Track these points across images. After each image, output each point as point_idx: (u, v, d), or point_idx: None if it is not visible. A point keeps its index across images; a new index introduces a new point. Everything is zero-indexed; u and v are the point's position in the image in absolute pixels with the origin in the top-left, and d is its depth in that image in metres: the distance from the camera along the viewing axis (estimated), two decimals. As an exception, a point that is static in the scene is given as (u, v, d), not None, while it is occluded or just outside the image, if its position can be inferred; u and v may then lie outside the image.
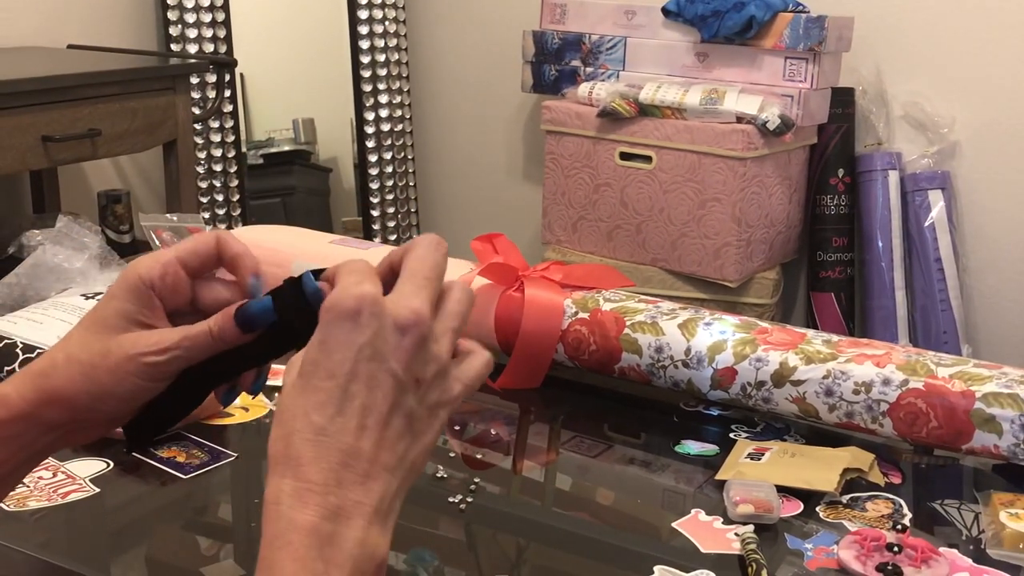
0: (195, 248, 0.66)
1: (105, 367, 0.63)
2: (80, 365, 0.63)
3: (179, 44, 2.63)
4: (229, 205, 2.75)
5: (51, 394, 0.63)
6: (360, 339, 0.56)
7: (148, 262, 0.64)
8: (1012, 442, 1.00)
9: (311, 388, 0.56)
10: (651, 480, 1.07)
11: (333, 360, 0.56)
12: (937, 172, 2.43)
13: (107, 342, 0.63)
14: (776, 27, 2.31)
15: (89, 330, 0.63)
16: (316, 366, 0.56)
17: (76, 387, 0.63)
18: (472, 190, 3.15)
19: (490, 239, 1.31)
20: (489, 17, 2.98)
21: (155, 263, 0.64)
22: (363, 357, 0.56)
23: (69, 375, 0.63)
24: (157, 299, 0.64)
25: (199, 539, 0.93)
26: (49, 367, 0.63)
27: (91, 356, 0.63)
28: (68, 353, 0.63)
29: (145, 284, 0.64)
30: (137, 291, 0.64)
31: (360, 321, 0.56)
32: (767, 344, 1.11)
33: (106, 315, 0.63)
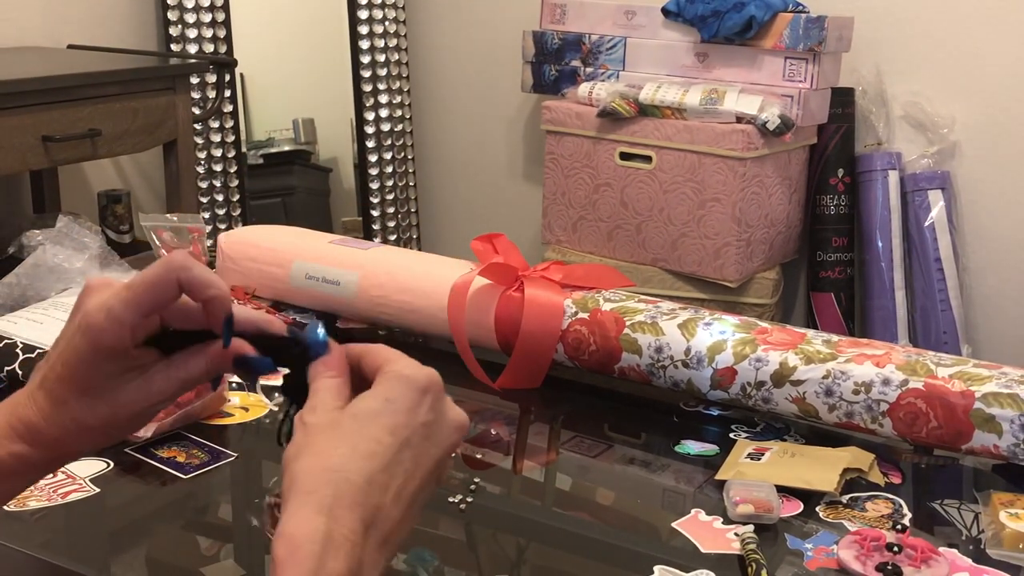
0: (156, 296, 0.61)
1: (118, 424, 0.64)
2: (96, 430, 0.63)
3: (179, 44, 2.63)
4: (229, 205, 2.75)
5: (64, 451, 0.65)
6: (423, 416, 0.58)
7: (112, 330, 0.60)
8: (1012, 442, 1.00)
9: (367, 437, 0.56)
10: (651, 480, 1.07)
11: (397, 420, 0.57)
12: (937, 172, 2.43)
13: (113, 405, 0.63)
14: (776, 27, 2.31)
15: (88, 395, 0.62)
16: (376, 417, 0.57)
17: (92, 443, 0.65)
18: (472, 190, 3.15)
19: (490, 239, 1.31)
20: (489, 17, 2.98)
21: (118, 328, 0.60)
22: (421, 434, 0.58)
23: (84, 437, 0.64)
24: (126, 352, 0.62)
25: (199, 539, 0.93)
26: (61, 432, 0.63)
27: (102, 420, 0.63)
28: (77, 420, 0.62)
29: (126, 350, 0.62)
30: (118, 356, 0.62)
31: (428, 398, 0.58)
32: (767, 344, 1.11)
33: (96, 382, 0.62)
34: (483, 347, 1.27)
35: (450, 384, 1.35)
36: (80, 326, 0.61)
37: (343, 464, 0.55)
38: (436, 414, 0.58)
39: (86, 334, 0.61)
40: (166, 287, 0.61)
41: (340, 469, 0.55)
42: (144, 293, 0.61)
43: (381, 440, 0.56)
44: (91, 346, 0.61)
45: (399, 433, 0.57)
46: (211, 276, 0.62)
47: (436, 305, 1.27)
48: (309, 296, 1.40)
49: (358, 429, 0.56)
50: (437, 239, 3.20)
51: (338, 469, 0.55)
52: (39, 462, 0.64)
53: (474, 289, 1.25)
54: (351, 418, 0.57)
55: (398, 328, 1.37)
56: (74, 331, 0.62)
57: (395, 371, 0.59)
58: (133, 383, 0.63)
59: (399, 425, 0.57)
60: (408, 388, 0.58)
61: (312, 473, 0.55)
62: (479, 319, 1.25)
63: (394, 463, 0.56)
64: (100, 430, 0.63)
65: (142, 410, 0.64)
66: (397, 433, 0.57)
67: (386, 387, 0.58)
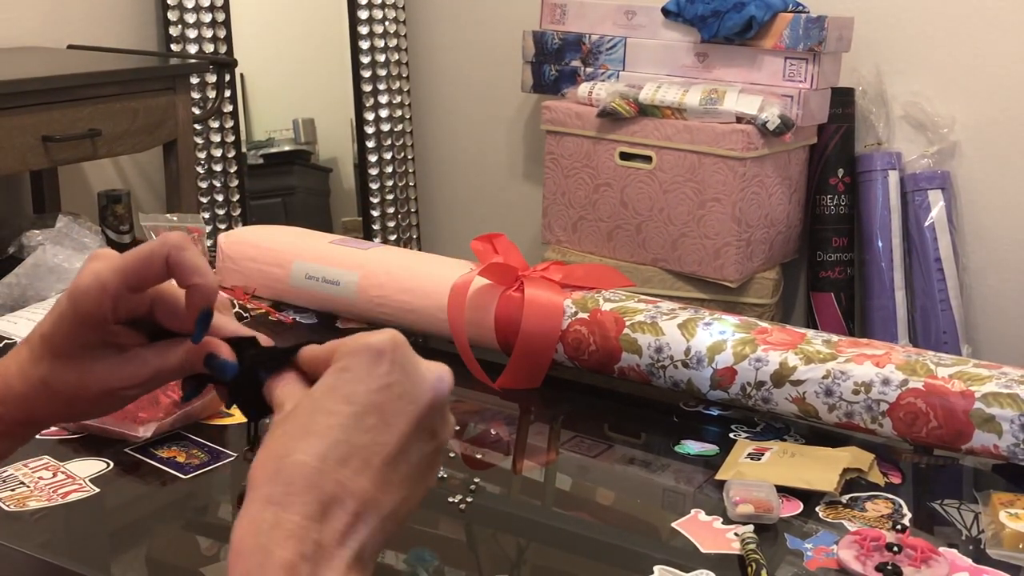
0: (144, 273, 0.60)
1: (84, 398, 0.62)
2: (60, 396, 0.62)
3: (179, 44, 2.63)
4: (229, 205, 2.75)
5: (30, 414, 0.64)
6: (389, 373, 0.53)
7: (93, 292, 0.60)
8: (1012, 442, 1.00)
9: (320, 411, 0.52)
10: (651, 480, 1.07)
11: (355, 388, 0.53)
12: (937, 172, 2.43)
13: (82, 375, 0.62)
14: (776, 27, 2.31)
15: (60, 359, 0.61)
16: (332, 391, 0.53)
17: (55, 412, 0.64)
18: (472, 190, 3.15)
19: (490, 239, 1.31)
20: (489, 17, 2.98)
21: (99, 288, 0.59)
22: (391, 393, 0.53)
23: (51, 403, 0.63)
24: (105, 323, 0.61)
25: (199, 539, 0.93)
26: (29, 390, 0.62)
27: (68, 387, 0.62)
28: (45, 380, 0.62)
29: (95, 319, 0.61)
30: (98, 327, 0.61)
31: (385, 359, 0.54)
32: (767, 344, 1.11)
33: (72, 349, 0.61)
34: (483, 347, 1.27)
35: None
36: (71, 290, 0.61)
37: (292, 447, 0.51)
38: (402, 371, 0.54)
39: (71, 295, 0.60)
40: (154, 261, 0.60)
41: (288, 453, 0.51)
42: (132, 263, 0.60)
43: (336, 411, 0.52)
44: (72, 307, 0.60)
45: (357, 399, 0.52)
46: (202, 263, 0.61)
47: (436, 305, 1.27)
48: (309, 296, 1.40)
49: (312, 408, 0.53)
50: (437, 239, 3.20)
51: (286, 454, 0.51)
52: (7, 422, 0.63)
53: (474, 289, 1.25)
54: (307, 400, 0.54)
55: (398, 328, 1.37)
56: (65, 295, 0.61)
57: (348, 344, 0.55)
58: (107, 359, 0.62)
59: (357, 392, 0.52)
60: (362, 353, 0.54)
61: (261, 466, 0.51)
62: (479, 319, 1.25)
63: (356, 431, 0.52)
64: (64, 397, 0.62)
65: (110, 389, 0.62)
66: (355, 400, 0.52)
67: (340, 361, 0.54)
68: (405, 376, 0.54)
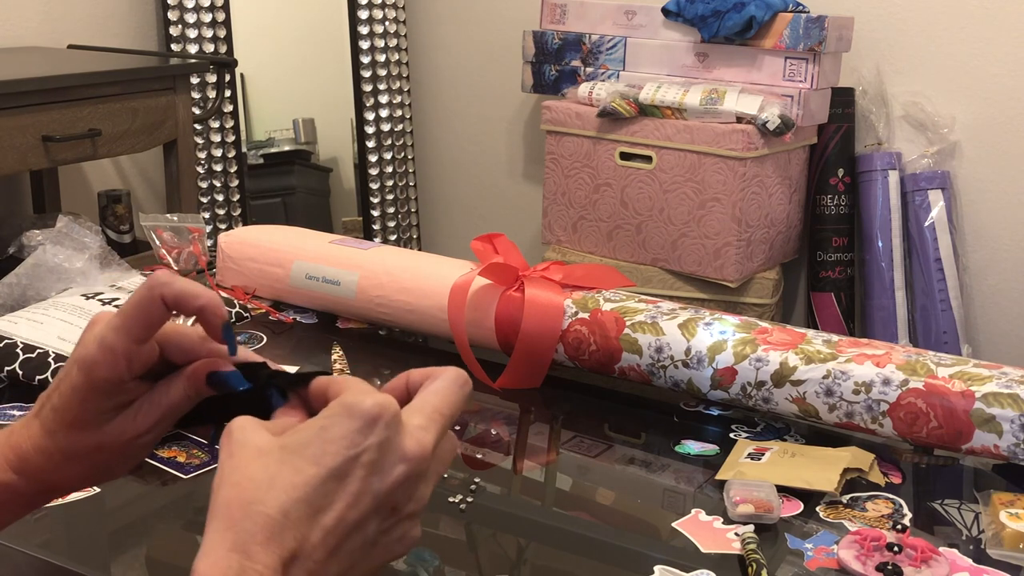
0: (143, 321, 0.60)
1: (104, 458, 0.63)
2: (80, 461, 0.63)
3: (179, 44, 2.63)
4: (229, 205, 2.75)
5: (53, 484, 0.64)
6: (363, 443, 0.53)
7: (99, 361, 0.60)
8: (1012, 442, 1.00)
9: (290, 466, 0.53)
10: (651, 480, 1.07)
11: (326, 449, 0.53)
12: (937, 172, 2.43)
13: (98, 437, 0.62)
14: (776, 27, 2.31)
15: (75, 428, 0.62)
16: (305, 447, 0.53)
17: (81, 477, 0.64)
18: (472, 190, 3.15)
19: (490, 239, 1.31)
20: (489, 17, 2.98)
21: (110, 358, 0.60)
22: (358, 463, 0.53)
23: (72, 470, 0.63)
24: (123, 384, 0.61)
25: (199, 539, 0.93)
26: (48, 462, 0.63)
27: (88, 452, 0.62)
28: (62, 451, 0.62)
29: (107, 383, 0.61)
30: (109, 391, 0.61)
31: (372, 428, 0.53)
32: (767, 344, 1.11)
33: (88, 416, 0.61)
34: (483, 347, 1.27)
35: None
36: (76, 358, 0.61)
37: (260, 496, 0.52)
38: (381, 443, 0.53)
39: (81, 367, 0.60)
40: (151, 306, 0.60)
41: (256, 501, 0.51)
42: (131, 316, 0.60)
43: (303, 470, 0.52)
44: (86, 378, 0.60)
45: (324, 462, 0.52)
46: (196, 287, 0.61)
47: (436, 305, 1.27)
48: (309, 296, 1.40)
49: (282, 459, 0.53)
50: (437, 239, 3.20)
51: (254, 501, 0.51)
52: (26, 492, 0.64)
53: (474, 289, 1.25)
54: (280, 448, 0.54)
55: (398, 328, 1.37)
56: (71, 364, 0.61)
57: (339, 399, 0.55)
58: (120, 416, 0.62)
59: (327, 453, 0.53)
60: (346, 415, 0.53)
61: (229, 506, 0.52)
62: (479, 319, 1.25)
63: (317, 495, 0.52)
64: (86, 461, 0.63)
65: (129, 441, 0.62)
66: (322, 462, 0.52)
67: (324, 415, 0.54)
68: (379, 450, 0.54)
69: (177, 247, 1.51)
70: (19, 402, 1.12)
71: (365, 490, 0.53)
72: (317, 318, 1.42)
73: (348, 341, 1.33)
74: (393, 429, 0.54)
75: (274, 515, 0.51)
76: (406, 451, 0.54)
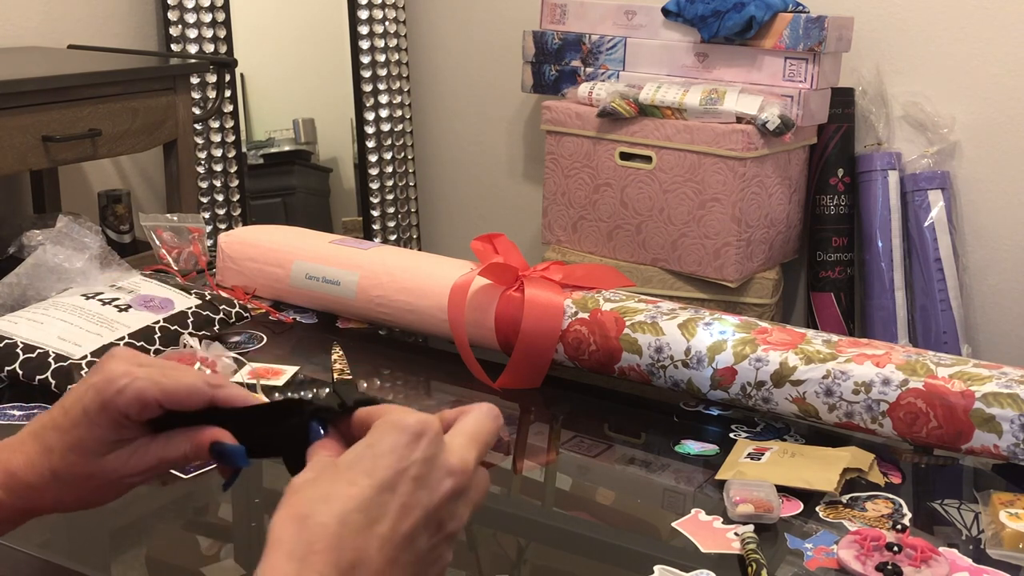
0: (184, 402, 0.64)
1: (90, 487, 0.65)
2: (67, 485, 0.64)
3: (179, 44, 2.63)
4: (229, 205, 2.75)
5: (34, 503, 0.65)
6: (411, 456, 0.55)
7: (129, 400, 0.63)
8: (1012, 442, 1.00)
9: (343, 480, 0.54)
10: (651, 480, 1.07)
11: (377, 463, 0.55)
12: (937, 172, 2.43)
13: (92, 466, 0.64)
14: (776, 27, 2.31)
15: (72, 451, 0.63)
16: (357, 461, 0.55)
17: (60, 501, 0.65)
18: (472, 190, 3.15)
19: (490, 239, 1.31)
20: (489, 17, 2.98)
21: (137, 402, 0.63)
22: (407, 476, 0.55)
23: (56, 492, 0.64)
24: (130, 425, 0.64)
25: (199, 539, 0.93)
26: (37, 480, 0.64)
27: (77, 478, 0.64)
28: (55, 471, 0.64)
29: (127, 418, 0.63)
30: (120, 423, 0.63)
31: (420, 442, 0.56)
32: (767, 344, 1.11)
33: (89, 441, 0.63)
34: (483, 347, 1.27)
35: (450, 384, 1.35)
36: (97, 385, 0.63)
37: (314, 509, 0.53)
38: (428, 458, 0.56)
39: (102, 393, 0.62)
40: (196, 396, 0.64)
41: (311, 514, 0.53)
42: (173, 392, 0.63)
43: (356, 481, 0.54)
44: (102, 406, 0.62)
45: (377, 475, 0.54)
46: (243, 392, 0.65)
47: (436, 305, 1.27)
48: (309, 296, 1.40)
49: (335, 476, 0.55)
50: (437, 239, 3.20)
51: (308, 515, 0.53)
52: (8, 510, 0.65)
53: (474, 289, 1.25)
54: (332, 468, 0.55)
55: (398, 328, 1.37)
56: (87, 388, 0.63)
57: (383, 419, 0.57)
58: (117, 451, 0.64)
59: (378, 467, 0.55)
60: (392, 432, 0.56)
61: (283, 522, 0.53)
62: (479, 319, 1.25)
63: (372, 505, 0.54)
64: (73, 487, 0.64)
65: (118, 479, 0.64)
66: (375, 475, 0.54)
67: (371, 434, 0.57)
68: (426, 464, 0.56)
69: (177, 247, 1.51)
70: (19, 402, 1.12)
71: (415, 503, 0.55)
72: (317, 318, 1.42)
73: (348, 341, 1.33)
74: (437, 445, 0.57)
75: (331, 525, 0.52)
76: (452, 465, 0.57)
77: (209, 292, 1.33)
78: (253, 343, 1.32)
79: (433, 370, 1.34)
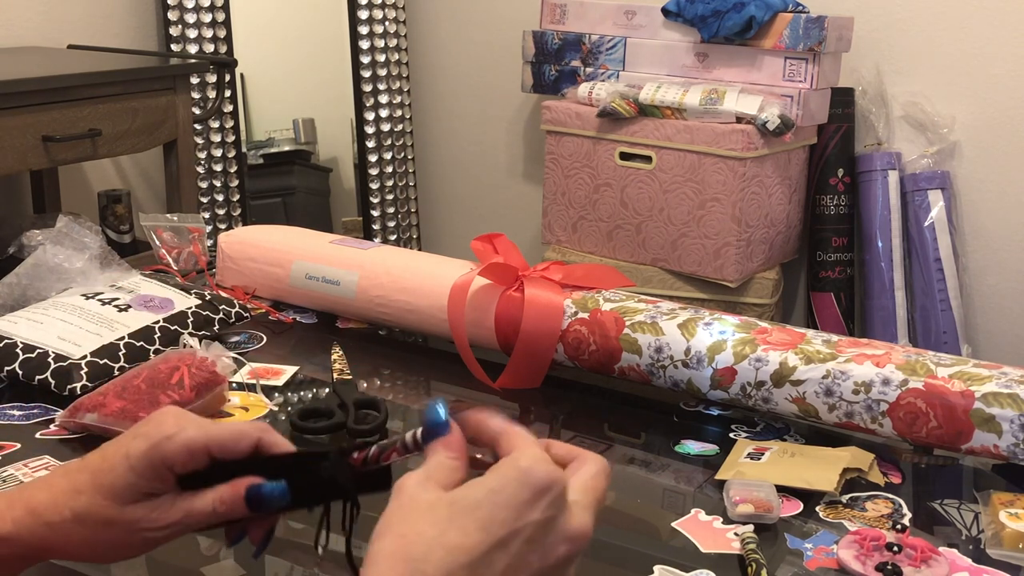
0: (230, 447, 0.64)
1: (108, 536, 0.63)
2: (85, 529, 0.63)
3: (179, 44, 2.63)
4: (229, 205, 2.75)
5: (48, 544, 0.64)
6: (532, 517, 0.53)
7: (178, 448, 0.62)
8: (1012, 442, 1.00)
9: (458, 527, 0.52)
10: (651, 480, 1.07)
11: (495, 516, 0.52)
12: (937, 172, 2.43)
13: (114, 512, 0.63)
14: (776, 27, 2.31)
15: (100, 493, 0.63)
16: (475, 509, 0.53)
17: (74, 546, 0.64)
18: (472, 190, 3.15)
19: (490, 239, 1.31)
20: (489, 17, 2.98)
21: (185, 451, 0.62)
22: (523, 535, 0.53)
23: (72, 536, 0.63)
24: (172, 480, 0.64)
25: (199, 539, 0.93)
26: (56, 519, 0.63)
27: (97, 524, 0.63)
28: (76, 513, 0.63)
29: (169, 469, 0.63)
30: (159, 473, 0.63)
31: (542, 501, 0.53)
32: (767, 344, 1.11)
33: (120, 487, 0.63)
34: (483, 347, 1.27)
35: (450, 384, 1.35)
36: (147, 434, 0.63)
37: (424, 554, 0.51)
38: (547, 520, 0.53)
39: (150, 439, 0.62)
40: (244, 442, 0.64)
41: (421, 560, 0.51)
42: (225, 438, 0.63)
43: (470, 534, 0.52)
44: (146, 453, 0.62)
45: (493, 530, 0.52)
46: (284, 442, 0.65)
47: (436, 305, 1.27)
48: (309, 296, 1.40)
49: (451, 517, 0.52)
50: (437, 239, 3.20)
51: (418, 559, 0.51)
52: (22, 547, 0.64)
53: (474, 289, 1.25)
54: (449, 504, 0.53)
55: (398, 328, 1.37)
56: (134, 436, 0.63)
57: (513, 461, 0.55)
58: (144, 502, 0.63)
59: (496, 521, 0.52)
60: (519, 483, 0.53)
61: (394, 558, 0.51)
62: (479, 319, 1.25)
63: (481, 563, 0.51)
64: (91, 533, 0.63)
65: (138, 531, 0.63)
66: (491, 530, 0.52)
67: (496, 477, 0.54)
68: (544, 527, 0.53)
69: (177, 247, 1.51)
70: (19, 402, 1.12)
71: (524, 566, 0.53)
72: (317, 318, 1.42)
73: (348, 341, 1.33)
74: (559, 507, 0.54)
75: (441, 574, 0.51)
76: (571, 532, 0.54)
77: (209, 292, 1.33)
78: (253, 343, 1.32)
79: (433, 370, 1.34)
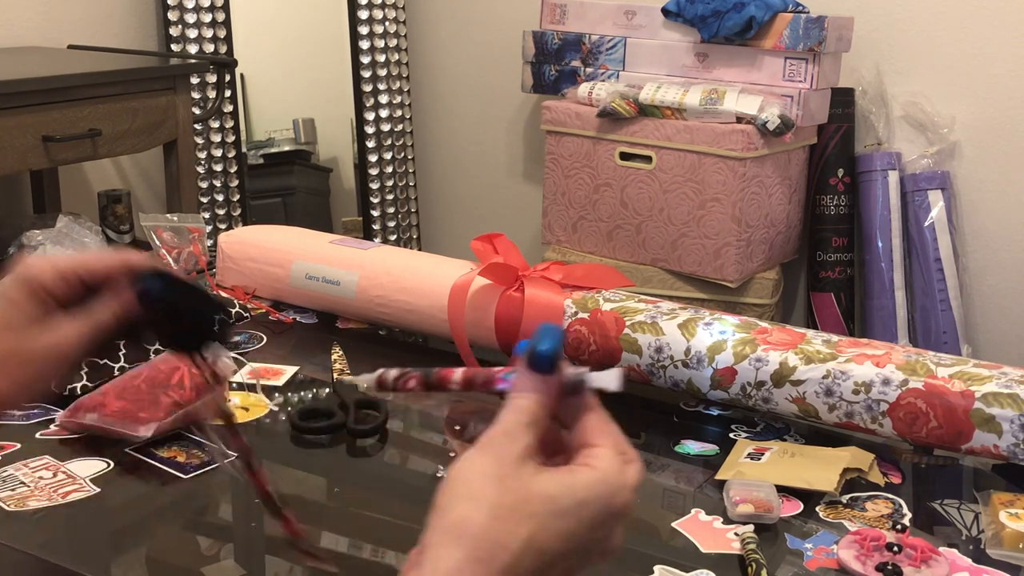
0: (93, 264, 0.67)
1: (15, 363, 0.65)
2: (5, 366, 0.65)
3: (179, 44, 2.63)
4: (229, 205, 2.75)
5: None
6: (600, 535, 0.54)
7: (44, 266, 0.66)
8: (1012, 442, 1.00)
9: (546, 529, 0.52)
10: (651, 480, 1.07)
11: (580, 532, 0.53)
12: (937, 172, 2.43)
13: (14, 342, 0.65)
14: (776, 27, 2.31)
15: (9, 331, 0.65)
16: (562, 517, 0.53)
17: None
18: (472, 190, 3.15)
19: (490, 239, 1.31)
20: (489, 17, 2.98)
21: (52, 269, 0.66)
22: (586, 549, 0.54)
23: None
24: (53, 301, 0.66)
25: (199, 539, 0.93)
26: None
27: (5, 358, 0.65)
28: None
29: (44, 290, 0.66)
30: (36, 294, 0.66)
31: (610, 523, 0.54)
32: (767, 344, 1.11)
33: (9, 317, 0.65)
34: (483, 347, 1.27)
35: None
36: (16, 270, 0.66)
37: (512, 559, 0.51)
38: (603, 539, 0.54)
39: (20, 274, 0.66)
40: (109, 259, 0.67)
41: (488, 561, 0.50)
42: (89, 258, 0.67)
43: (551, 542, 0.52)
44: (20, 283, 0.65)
45: (570, 543, 0.53)
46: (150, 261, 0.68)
47: (436, 305, 1.27)
48: (309, 296, 1.40)
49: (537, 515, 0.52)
50: (437, 239, 3.20)
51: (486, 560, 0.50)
52: None
53: (474, 289, 1.25)
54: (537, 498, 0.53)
55: (398, 328, 1.37)
56: (5, 276, 0.66)
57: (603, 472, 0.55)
58: (39, 324, 0.66)
59: (573, 535, 0.53)
60: (605, 503, 0.54)
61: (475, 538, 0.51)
62: (479, 319, 1.25)
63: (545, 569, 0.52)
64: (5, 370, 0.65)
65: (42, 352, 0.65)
66: (569, 542, 0.52)
67: (589, 486, 0.54)
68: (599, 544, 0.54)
69: (177, 247, 1.51)
70: (19, 402, 1.12)
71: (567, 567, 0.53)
72: (317, 318, 1.42)
73: (348, 341, 1.33)
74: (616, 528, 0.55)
75: None
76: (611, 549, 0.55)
77: (209, 292, 1.33)
78: (253, 343, 1.32)
79: (433, 370, 1.33)
